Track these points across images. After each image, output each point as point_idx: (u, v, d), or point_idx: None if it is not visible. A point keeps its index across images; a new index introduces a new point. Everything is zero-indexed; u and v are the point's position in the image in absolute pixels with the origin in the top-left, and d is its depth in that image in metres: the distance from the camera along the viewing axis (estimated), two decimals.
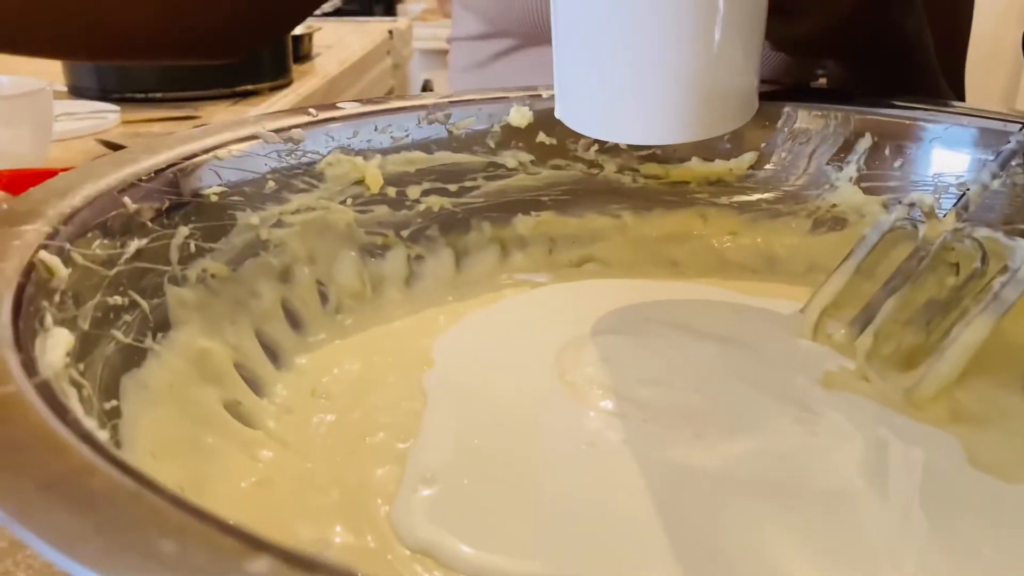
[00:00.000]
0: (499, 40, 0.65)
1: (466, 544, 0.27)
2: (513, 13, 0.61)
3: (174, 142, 0.37)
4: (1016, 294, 0.34)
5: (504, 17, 0.62)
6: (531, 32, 0.62)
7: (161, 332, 0.32)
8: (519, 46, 0.64)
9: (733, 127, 0.38)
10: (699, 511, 0.29)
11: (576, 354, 0.37)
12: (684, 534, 0.28)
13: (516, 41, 0.64)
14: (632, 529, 0.28)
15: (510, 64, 0.65)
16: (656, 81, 0.35)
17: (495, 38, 0.65)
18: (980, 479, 0.30)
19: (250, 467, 0.31)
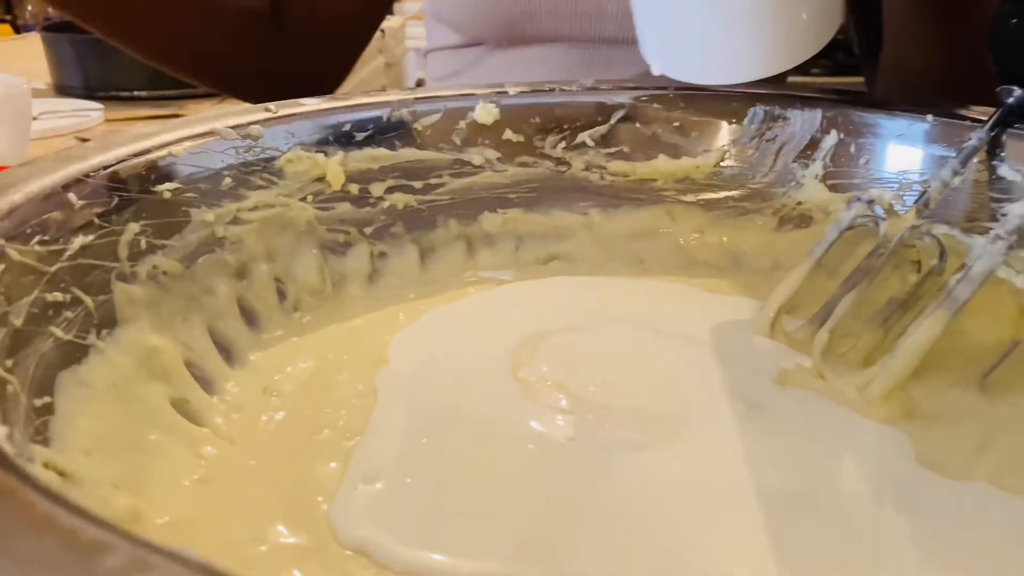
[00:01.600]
0: (474, 48, 0.65)
1: (402, 543, 0.27)
2: (483, 21, 0.61)
3: (129, 139, 0.37)
4: (969, 292, 0.33)
5: (475, 25, 0.62)
6: (503, 35, 0.62)
7: (107, 329, 0.32)
8: (493, 50, 0.64)
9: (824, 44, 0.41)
10: (643, 511, 0.28)
11: (532, 352, 0.37)
12: (626, 534, 0.27)
13: (489, 46, 0.64)
14: (572, 529, 0.27)
15: (486, 68, 0.65)
16: (744, 24, 0.39)
17: (470, 47, 0.65)
18: (927, 478, 0.30)
19: (193, 464, 0.30)
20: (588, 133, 0.49)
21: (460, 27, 0.64)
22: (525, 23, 0.60)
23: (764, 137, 0.47)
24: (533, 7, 0.59)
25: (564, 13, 0.59)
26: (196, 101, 1.04)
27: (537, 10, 0.59)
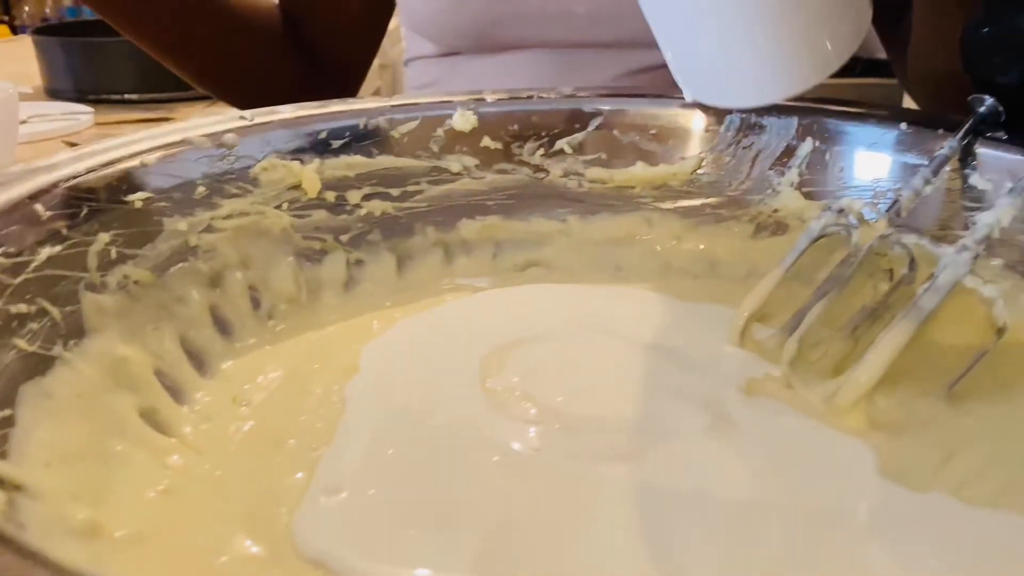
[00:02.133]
0: (450, 57, 0.65)
1: (361, 555, 0.27)
2: (453, 31, 0.62)
3: (100, 148, 0.37)
4: (934, 303, 0.34)
5: (447, 35, 0.63)
6: (476, 44, 0.62)
7: (74, 339, 0.32)
8: (469, 58, 0.64)
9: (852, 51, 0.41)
10: (605, 523, 0.28)
11: (502, 361, 0.37)
12: (587, 546, 0.28)
13: (465, 55, 0.64)
14: (532, 542, 0.28)
15: (463, 77, 0.65)
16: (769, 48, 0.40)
17: (446, 56, 0.66)
18: (889, 490, 0.30)
19: (159, 474, 0.31)
20: (566, 140, 0.49)
21: (434, 37, 0.64)
22: (496, 30, 0.61)
23: (740, 144, 0.47)
24: (500, 15, 0.60)
25: (532, 18, 0.60)
26: (187, 104, 1.04)
27: (504, 18, 0.60)
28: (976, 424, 0.34)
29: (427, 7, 0.62)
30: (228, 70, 0.65)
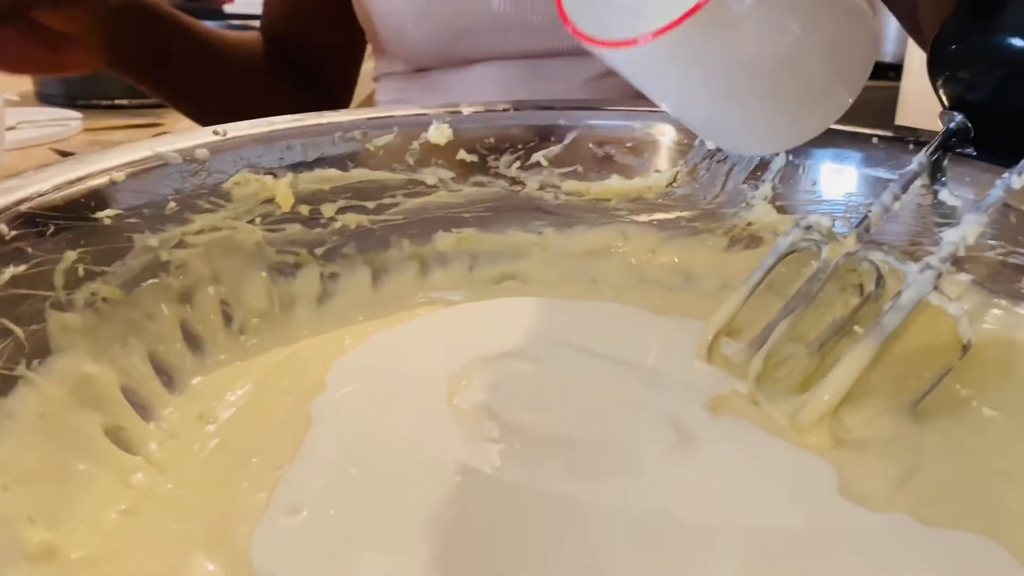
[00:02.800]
0: (419, 73, 0.66)
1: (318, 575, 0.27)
2: (419, 47, 0.62)
3: (70, 165, 0.37)
4: (897, 322, 0.34)
5: (413, 51, 0.63)
6: (443, 58, 0.63)
7: (38, 359, 0.32)
8: (435, 73, 0.65)
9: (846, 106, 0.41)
10: (563, 544, 0.29)
11: (469, 378, 0.37)
12: (548, 567, 0.28)
13: (435, 71, 0.65)
14: (490, 563, 0.28)
15: (432, 91, 0.66)
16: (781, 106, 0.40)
17: (414, 73, 0.66)
18: (848, 511, 0.30)
19: (120, 494, 0.31)
20: (542, 153, 0.49)
21: (397, 54, 0.65)
22: (457, 44, 0.62)
23: (715, 158, 0.47)
24: (459, 29, 0.60)
25: (491, 30, 0.60)
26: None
27: (464, 31, 0.60)
28: (939, 441, 0.34)
29: (388, 24, 0.63)
30: (227, 104, 0.69)
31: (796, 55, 0.36)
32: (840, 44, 0.37)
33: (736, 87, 0.37)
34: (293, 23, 0.72)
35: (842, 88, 0.39)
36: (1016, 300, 0.38)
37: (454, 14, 0.59)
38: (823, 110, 0.40)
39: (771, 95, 0.38)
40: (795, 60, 0.36)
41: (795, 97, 0.39)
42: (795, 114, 0.40)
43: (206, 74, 0.68)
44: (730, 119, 0.41)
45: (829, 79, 0.38)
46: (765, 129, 0.41)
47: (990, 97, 0.39)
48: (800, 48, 0.35)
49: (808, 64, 0.37)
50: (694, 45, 0.33)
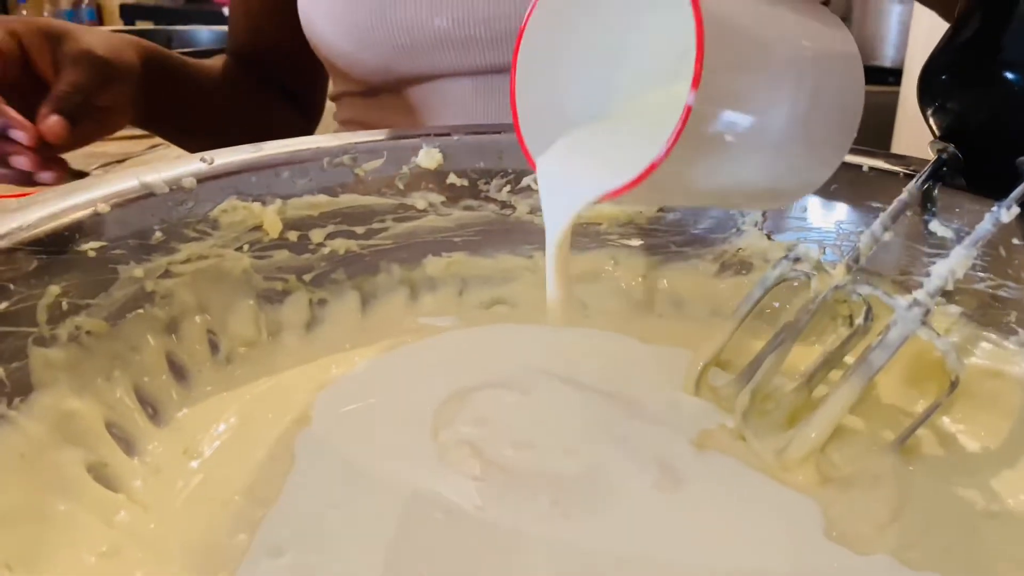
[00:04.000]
0: (373, 93, 0.67)
1: None
2: (365, 65, 0.64)
3: (52, 197, 0.37)
4: (883, 360, 0.33)
5: (359, 69, 0.65)
6: (391, 76, 0.64)
7: (20, 397, 0.32)
8: (386, 93, 0.66)
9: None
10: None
11: (454, 411, 0.37)
12: None
13: (387, 91, 0.66)
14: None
15: (387, 109, 0.67)
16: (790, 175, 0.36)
17: (368, 93, 0.67)
18: (832, 552, 0.30)
19: (102, 534, 0.31)
20: (533, 177, 0.49)
21: (343, 71, 0.66)
22: (402, 61, 0.62)
23: None
24: (402, 45, 0.61)
25: (435, 47, 0.61)
26: None
27: (407, 48, 0.61)
28: (926, 479, 0.34)
29: (333, 43, 0.64)
30: (219, 131, 0.71)
31: (791, 134, 0.32)
32: (832, 96, 0.34)
33: (734, 184, 0.34)
34: (259, 42, 0.74)
35: (844, 132, 0.36)
36: (1005, 333, 0.37)
37: (397, 30, 0.60)
38: (831, 156, 0.36)
39: (768, 176, 0.34)
40: (792, 138, 0.33)
41: (798, 162, 0.35)
42: (802, 173, 0.36)
43: (201, 108, 0.70)
44: (736, 200, 0.39)
45: (832, 128, 0.35)
46: (774, 194, 0.38)
47: (980, 128, 0.39)
48: (793, 125, 0.32)
49: (807, 130, 0.33)
50: (675, 171, 0.29)
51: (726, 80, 0.28)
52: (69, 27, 0.55)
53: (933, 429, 0.37)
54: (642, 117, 0.34)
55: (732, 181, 0.33)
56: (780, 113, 0.31)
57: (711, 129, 0.29)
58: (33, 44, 0.53)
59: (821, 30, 0.34)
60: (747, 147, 0.31)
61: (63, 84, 0.51)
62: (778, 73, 0.31)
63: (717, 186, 0.33)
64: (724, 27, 0.28)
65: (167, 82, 0.63)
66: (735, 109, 0.30)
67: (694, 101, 0.27)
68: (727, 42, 0.28)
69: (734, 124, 0.30)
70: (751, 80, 0.30)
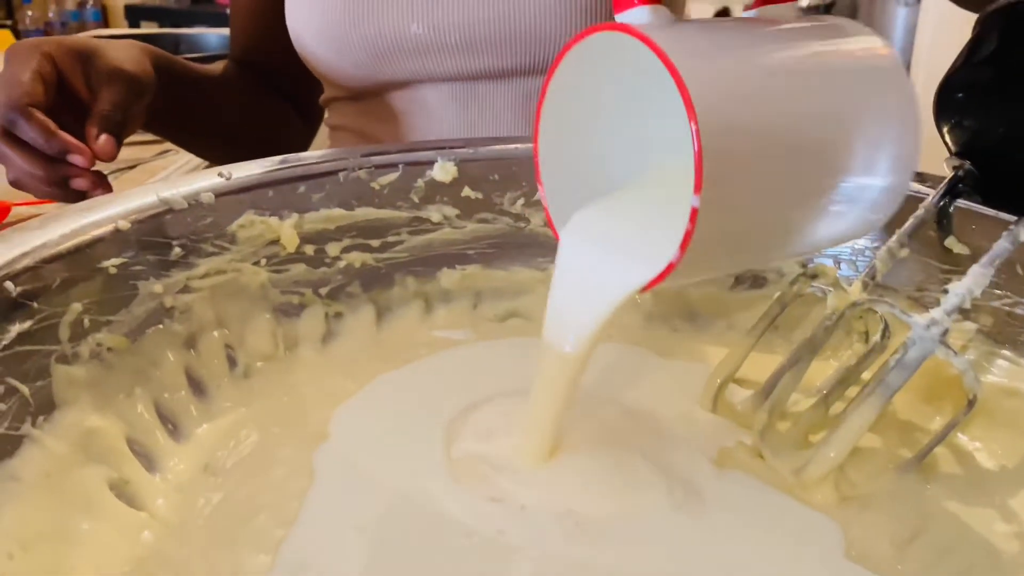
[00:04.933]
0: (357, 98, 0.68)
1: None
2: (344, 71, 0.64)
3: (73, 214, 0.37)
4: (902, 380, 0.33)
5: (340, 73, 0.65)
6: (372, 81, 0.65)
7: (43, 415, 0.32)
8: (379, 98, 0.67)
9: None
10: None
11: (467, 426, 0.37)
12: None
13: (369, 97, 0.67)
14: None
15: (373, 115, 0.68)
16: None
17: (356, 98, 0.68)
18: (854, 574, 0.30)
19: (125, 553, 0.31)
20: None
21: (328, 75, 0.67)
22: (383, 67, 0.63)
23: None
24: (382, 49, 0.62)
25: (414, 52, 0.62)
26: None
27: (386, 53, 0.62)
28: (945, 497, 0.34)
29: (313, 49, 0.65)
30: (224, 135, 0.73)
31: (823, 207, 0.30)
32: (874, 151, 0.30)
33: (769, 256, 0.33)
34: (258, 49, 0.75)
35: (896, 174, 0.32)
36: (1022, 351, 0.37)
37: (374, 37, 0.61)
38: (886, 204, 0.33)
39: (808, 243, 0.32)
40: (824, 211, 0.30)
41: (841, 223, 0.32)
42: (850, 228, 0.33)
43: (204, 112, 0.71)
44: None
45: (877, 182, 0.31)
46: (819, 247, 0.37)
47: (997, 145, 0.39)
48: (824, 198, 0.30)
49: (845, 197, 0.31)
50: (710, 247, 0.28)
51: (734, 177, 0.27)
52: (94, 45, 0.56)
53: (950, 447, 0.37)
54: (667, 187, 0.32)
55: (765, 255, 0.32)
56: (808, 190, 0.29)
57: (726, 225, 0.27)
58: (66, 64, 0.54)
59: (848, 80, 0.30)
60: (773, 231, 0.30)
61: (105, 104, 0.53)
62: (796, 153, 0.29)
63: (750, 261, 0.33)
64: (725, 122, 0.26)
65: (173, 87, 0.64)
66: (750, 203, 0.28)
67: (699, 203, 0.25)
68: (730, 142, 0.26)
69: (751, 215, 0.28)
70: (764, 168, 0.28)
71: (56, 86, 0.53)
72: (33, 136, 0.50)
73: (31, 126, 0.50)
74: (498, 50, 0.61)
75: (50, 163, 0.51)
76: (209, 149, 0.76)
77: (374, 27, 0.61)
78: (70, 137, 0.50)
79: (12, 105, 0.50)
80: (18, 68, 0.52)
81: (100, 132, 0.51)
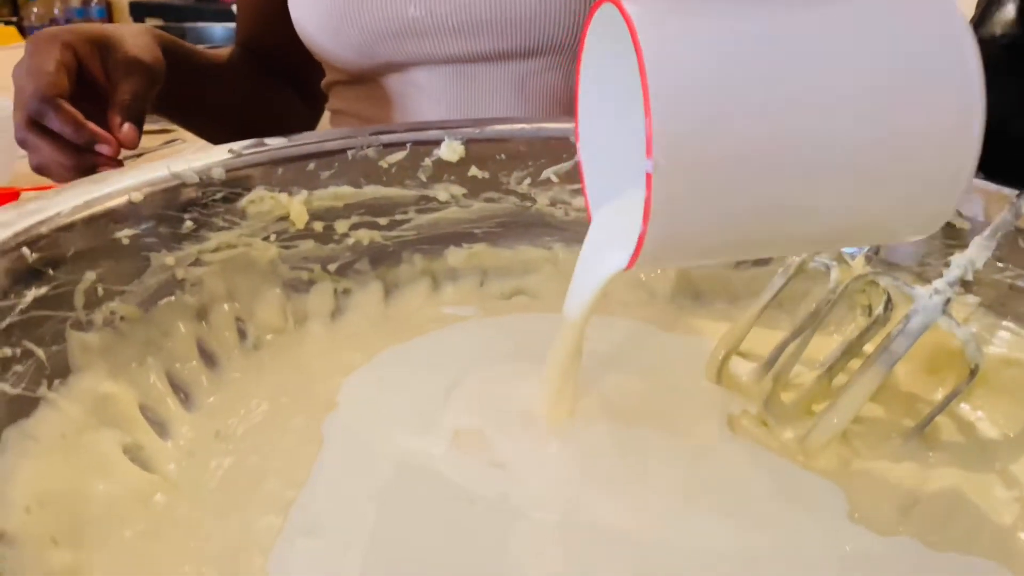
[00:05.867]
0: (356, 81, 0.69)
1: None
2: (344, 51, 0.65)
3: (86, 186, 0.38)
4: (904, 348, 0.34)
5: (340, 54, 0.66)
6: (371, 63, 0.65)
7: (59, 379, 0.33)
8: (378, 81, 0.67)
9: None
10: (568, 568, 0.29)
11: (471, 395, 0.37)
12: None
13: (368, 80, 0.67)
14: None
15: (372, 99, 0.68)
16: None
17: (353, 80, 0.69)
18: (857, 534, 0.31)
19: (138, 514, 0.31)
20: (553, 169, 0.49)
21: (328, 57, 0.68)
22: (381, 48, 0.63)
23: None
24: (381, 31, 0.62)
25: (412, 34, 0.62)
26: None
27: (385, 34, 0.63)
28: (947, 465, 0.34)
29: (311, 32, 0.66)
30: (233, 118, 0.74)
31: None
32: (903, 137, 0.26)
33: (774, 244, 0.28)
34: (264, 35, 0.76)
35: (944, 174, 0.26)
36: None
37: (371, 19, 0.62)
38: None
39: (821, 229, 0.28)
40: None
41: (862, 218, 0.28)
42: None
43: (211, 95, 0.73)
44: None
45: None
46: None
47: (999, 119, 0.39)
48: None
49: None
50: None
51: (695, 145, 0.24)
52: (110, 32, 0.57)
53: (952, 417, 0.37)
54: None
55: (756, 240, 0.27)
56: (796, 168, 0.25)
57: (698, 199, 0.24)
58: (86, 53, 0.55)
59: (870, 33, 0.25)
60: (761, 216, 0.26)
61: (125, 94, 0.54)
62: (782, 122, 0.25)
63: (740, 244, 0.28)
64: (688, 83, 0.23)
65: (180, 71, 0.65)
66: (725, 177, 0.25)
67: (653, 169, 0.23)
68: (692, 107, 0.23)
69: (731, 193, 0.25)
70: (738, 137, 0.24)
71: (77, 75, 0.54)
72: (62, 127, 0.52)
73: (60, 117, 0.51)
74: (495, 32, 0.61)
75: (77, 152, 0.53)
76: (213, 131, 0.77)
77: (372, 10, 0.62)
78: (96, 127, 0.52)
79: (40, 96, 0.52)
80: (42, 59, 0.53)
81: (123, 121, 0.53)
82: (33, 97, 0.52)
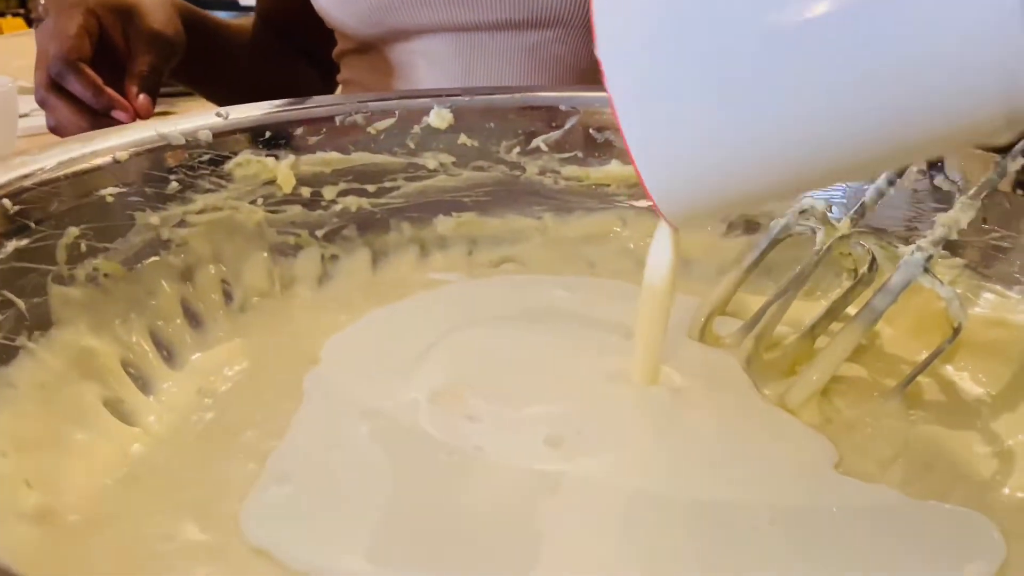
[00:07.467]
0: (365, 51, 0.69)
1: (305, 544, 0.27)
2: (357, 18, 0.65)
3: (73, 143, 0.38)
4: (886, 304, 0.34)
5: (352, 21, 0.66)
6: (382, 31, 0.66)
7: (39, 331, 0.33)
8: (385, 49, 0.68)
9: None
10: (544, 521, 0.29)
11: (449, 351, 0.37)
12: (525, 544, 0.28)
13: (377, 49, 0.68)
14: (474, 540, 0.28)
15: (379, 69, 0.68)
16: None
17: (364, 51, 0.69)
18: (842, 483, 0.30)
19: (118, 463, 0.31)
20: (542, 138, 0.49)
21: (339, 25, 0.68)
22: (392, 16, 0.64)
23: None
24: (381, 5, 0.62)
25: (411, 6, 0.62)
26: (189, 99, 1.05)
27: (393, 5, 0.62)
28: (926, 422, 0.34)
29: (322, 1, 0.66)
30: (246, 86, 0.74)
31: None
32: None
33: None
34: (282, 6, 0.77)
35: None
36: (1008, 284, 0.38)
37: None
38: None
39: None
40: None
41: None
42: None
43: (230, 65, 0.75)
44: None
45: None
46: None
47: None
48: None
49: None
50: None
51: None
52: (134, 3, 0.58)
53: (935, 377, 0.37)
54: None
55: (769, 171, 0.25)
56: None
57: (678, 114, 0.23)
58: (108, 20, 0.57)
59: None
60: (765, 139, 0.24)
61: (144, 66, 0.56)
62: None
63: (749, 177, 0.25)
64: None
65: (200, 42, 0.66)
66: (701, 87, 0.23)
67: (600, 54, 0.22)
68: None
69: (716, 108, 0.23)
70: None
71: (98, 41, 0.55)
72: (81, 91, 0.53)
73: (80, 81, 0.52)
74: (502, 0, 0.61)
75: (94, 115, 0.54)
76: (230, 101, 0.77)
77: None
78: (115, 93, 0.53)
79: (62, 59, 0.52)
80: (65, 22, 0.54)
81: (140, 92, 0.55)
82: (56, 58, 0.53)
